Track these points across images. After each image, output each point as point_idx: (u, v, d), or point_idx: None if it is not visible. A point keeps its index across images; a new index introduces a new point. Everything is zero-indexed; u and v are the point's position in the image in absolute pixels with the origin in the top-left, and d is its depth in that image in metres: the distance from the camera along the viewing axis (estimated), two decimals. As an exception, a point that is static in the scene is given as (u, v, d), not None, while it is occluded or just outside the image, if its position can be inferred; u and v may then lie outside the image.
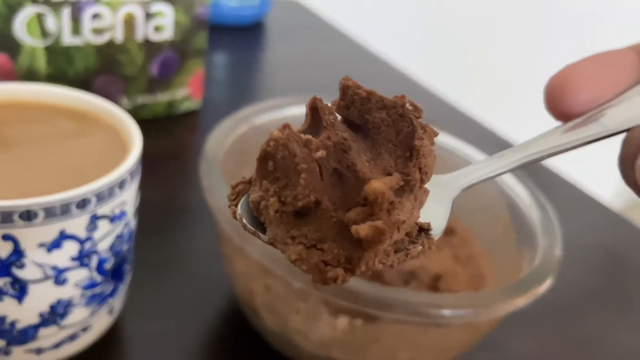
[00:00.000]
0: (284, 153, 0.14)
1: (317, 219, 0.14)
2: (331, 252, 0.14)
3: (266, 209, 0.15)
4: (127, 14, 0.38)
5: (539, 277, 0.24)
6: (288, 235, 0.15)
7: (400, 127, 0.15)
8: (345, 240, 0.14)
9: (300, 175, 0.14)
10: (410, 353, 0.24)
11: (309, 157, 0.14)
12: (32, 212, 0.20)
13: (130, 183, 0.23)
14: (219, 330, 0.29)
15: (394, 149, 0.15)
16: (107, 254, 0.23)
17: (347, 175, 0.15)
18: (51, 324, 0.23)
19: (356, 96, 0.15)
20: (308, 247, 0.14)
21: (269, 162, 0.15)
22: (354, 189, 0.14)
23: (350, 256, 0.14)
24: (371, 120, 0.15)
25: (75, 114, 0.26)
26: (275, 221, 0.15)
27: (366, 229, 0.13)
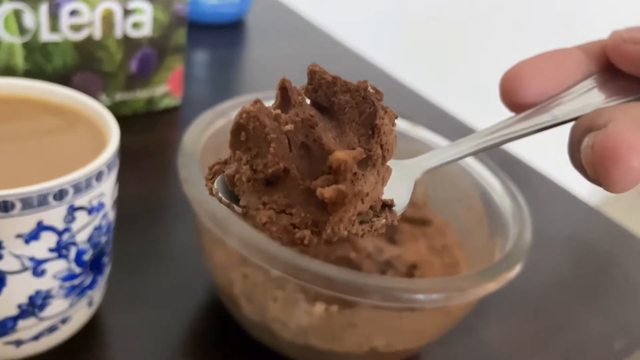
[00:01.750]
0: (255, 124, 0.15)
1: (286, 186, 0.16)
2: (299, 215, 0.15)
3: (240, 180, 0.16)
4: (106, 10, 0.38)
5: (509, 262, 0.24)
6: (259, 201, 0.16)
7: (363, 109, 0.16)
8: (312, 205, 0.15)
9: (270, 144, 0.15)
10: (386, 338, 0.24)
11: (278, 130, 0.15)
12: (9, 202, 0.20)
13: (107, 175, 0.23)
14: (199, 321, 0.29)
15: (357, 128, 0.16)
16: (85, 245, 0.23)
17: (313, 148, 0.16)
18: (30, 315, 0.23)
19: (322, 80, 0.17)
20: (278, 212, 0.16)
21: (242, 133, 0.16)
22: (320, 160, 0.16)
23: (317, 220, 0.15)
24: (336, 102, 0.16)
25: (54, 108, 0.27)
26: (248, 190, 0.16)
27: (330, 191, 0.15)
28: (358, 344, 0.25)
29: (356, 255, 0.31)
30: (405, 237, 0.32)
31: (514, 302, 0.34)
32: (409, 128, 0.35)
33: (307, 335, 0.25)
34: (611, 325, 0.34)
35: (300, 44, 0.69)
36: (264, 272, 0.24)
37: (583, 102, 0.18)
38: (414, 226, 0.33)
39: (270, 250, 0.22)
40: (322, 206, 0.15)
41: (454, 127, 0.53)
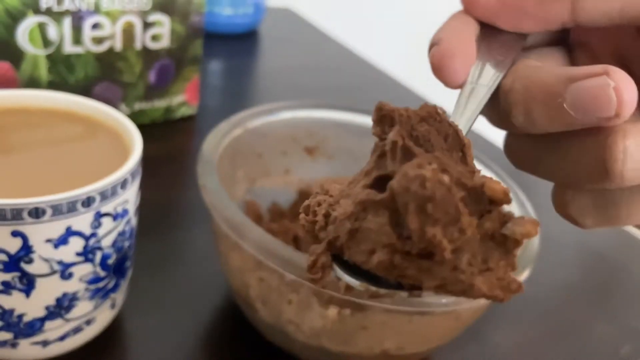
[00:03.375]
0: (441, 190, 0.14)
1: (467, 244, 0.14)
2: (497, 266, 0.15)
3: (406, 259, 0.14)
4: (126, 23, 0.39)
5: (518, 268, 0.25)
6: (458, 272, 0.14)
7: (445, 132, 0.16)
8: (493, 250, 0.14)
9: (459, 207, 0.14)
10: (396, 341, 0.25)
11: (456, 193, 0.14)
12: (40, 209, 0.21)
13: (131, 183, 0.24)
14: (215, 323, 0.30)
15: (450, 155, 0.16)
16: (110, 250, 0.24)
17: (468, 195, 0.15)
18: (57, 317, 0.24)
19: (401, 117, 0.16)
20: (480, 272, 0.15)
21: (428, 206, 0.14)
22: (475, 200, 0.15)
23: (508, 261, 0.15)
24: (419, 135, 0.16)
25: (78, 118, 0.28)
26: (430, 264, 0.14)
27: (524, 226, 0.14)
28: (369, 346, 0.25)
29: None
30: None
31: (523, 307, 0.35)
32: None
33: (320, 337, 0.26)
34: (617, 331, 0.35)
35: (312, 53, 0.70)
36: (279, 276, 0.25)
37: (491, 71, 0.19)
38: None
39: (285, 254, 0.23)
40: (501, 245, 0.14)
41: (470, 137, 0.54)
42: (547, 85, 0.17)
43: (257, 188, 0.35)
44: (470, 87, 0.19)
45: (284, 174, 0.37)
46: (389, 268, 0.15)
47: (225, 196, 0.26)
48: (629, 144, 0.17)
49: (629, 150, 0.17)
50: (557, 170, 0.19)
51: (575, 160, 0.18)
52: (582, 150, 0.17)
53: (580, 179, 0.18)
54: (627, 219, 0.19)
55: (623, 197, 0.18)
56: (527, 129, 0.18)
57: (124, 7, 0.39)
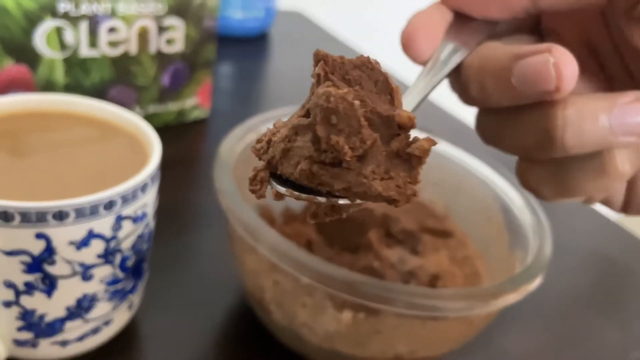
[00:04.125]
0: (344, 105, 0.17)
1: (373, 156, 0.17)
2: (398, 176, 0.17)
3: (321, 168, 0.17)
4: (141, 28, 0.40)
5: (530, 275, 0.25)
6: (361, 177, 0.17)
7: (375, 78, 0.18)
8: (399, 165, 0.17)
9: (360, 120, 0.17)
10: (409, 345, 0.26)
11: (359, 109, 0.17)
12: (64, 212, 0.22)
13: (151, 186, 0.25)
14: (228, 325, 0.31)
15: (379, 97, 0.18)
16: (129, 252, 0.25)
17: (373, 118, 0.17)
18: (77, 317, 0.25)
19: (334, 62, 0.18)
20: (381, 179, 0.17)
21: (332, 117, 0.17)
22: (385, 126, 0.17)
23: (410, 174, 0.17)
24: (352, 78, 0.18)
25: (97, 122, 0.28)
26: (340, 172, 0.17)
27: (425, 144, 0.16)
28: (382, 350, 0.26)
29: (380, 265, 0.32)
30: (427, 248, 0.34)
31: (533, 312, 0.35)
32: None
33: (333, 340, 0.26)
34: (627, 337, 0.35)
35: (322, 56, 0.70)
36: (294, 279, 0.25)
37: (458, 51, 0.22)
38: (436, 238, 0.34)
39: (300, 258, 0.24)
40: (407, 163, 0.17)
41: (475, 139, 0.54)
42: (498, 61, 0.19)
43: (269, 191, 0.36)
44: (431, 63, 0.22)
45: (296, 177, 0.37)
46: (310, 176, 0.17)
47: (241, 200, 0.26)
48: (568, 113, 0.18)
49: (569, 119, 0.18)
50: (514, 143, 0.20)
51: (526, 132, 0.20)
52: (531, 122, 0.19)
53: (531, 150, 0.20)
54: (580, 190, 0.20)
55: (574, 167, 0.20)
56: (483, 102, 0.20)
57: (140, 11, 0.39)
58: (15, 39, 0.36)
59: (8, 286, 0.23)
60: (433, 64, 0.22)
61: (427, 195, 0.36)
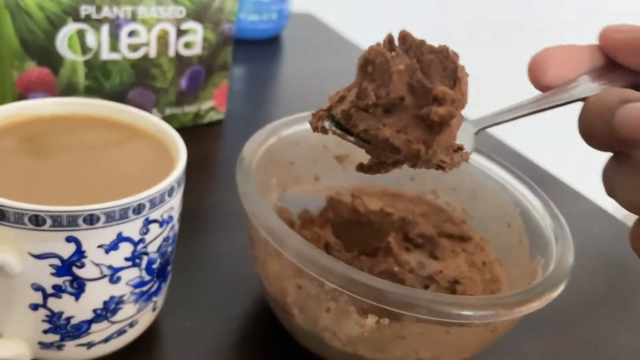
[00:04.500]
0: (381, 59, 0.20)
1: (400, 113, 0.20)
2: (413, 134, 0.20)
3: (357, 111, 0.21)
4: (161, 31, 0.40)
5: (553, 282, 0.25)
6: (380, 123, 0.20)
7: (446, 65, 0.20)
8: (421, 129, 0.20)
9: (392, 76, 0.20)
10: (432, 351, 0.26)
11: (396, 67, 0.20)
12: (94, 216, 0.22)
13: (177, 190, 0.25)
14: (248, 326, 0.31)
15: (442, 80, 0.20)
16: (155, 255, 0.25)
17: (416, 87, 0.20)
18: (103, 319, 0.25)
19: (413, 42, 0.21)
20: (397, 131, 0.20)
21: (369, 67, 0.20)
22: (423, 96, 0.20)
23: (426, 139, 0.20)
24: (425, 60, 0.20)
25: (122, 126, 0.29)
26: (367, 116, 0.21)
27: (442, 109, 0.19)
28: (405, 355, 0.26)
29: (399, 270, 0.32)
30: (445, 253, 0.34)
31: (549, 316, 0.35)
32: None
33: (356, 345, 0.26)
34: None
35: (334, 58, 0.71)
36: (319, 284, 0.25)
37: (589, 87, 0.23)
38: (454, 242, 0.34)
39: (325, 263, 0.24)
40: (430, 129, 0.19)
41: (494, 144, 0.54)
42: (606, 100, 0.19)
43: (288, 195, 0.36)
44: (552, 91, 0.23)
45: (314, 181, 0.37)
46: (347, 116, 0.21)
47: (264, 204, 0.27)
48: None
49: None
50: (628, 198, 0.20)
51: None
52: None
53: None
54: None
55: None
56: (590, 142, 0.20)
57: (160, 15, 0.40)
58: (38, 42, 0.36)
59: (36, 289, 0.23)
60: (554, 92, 0.23)
61: (445, 199, 0.36)
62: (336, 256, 0.34)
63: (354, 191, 0.37)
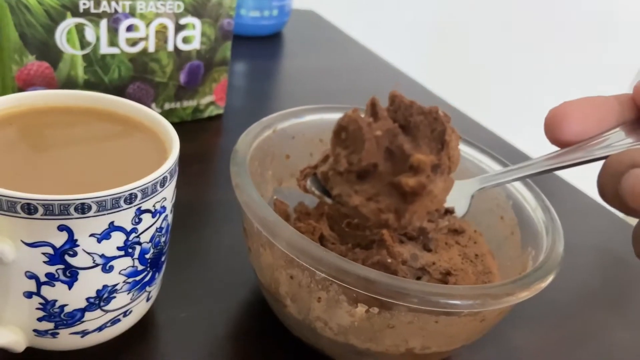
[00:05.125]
0: (354, 126, 0.20)
1: (373, 180, 0.20)
2: (384, 202, 0.20)
3: (334, 174, 0.21)
4: (160, 25, 0.40)
5: (542, 273, 0.26)
6: (352, 190, 0.20)
7: (434, 127, 0.20)
8: (395, 197, 0.20)
9: (365, 142, 0.20)
10: (422, 340, 0.26)
11: (370, 134, 0.20)
12: (86, 205, 0.22)
13: (169, 181, 0.25)
14: (242, 317, 0.31)
15: (429, 143, 0.20)
16: (148, 245, 0.25)
17: (396, 153, 0.20)
18: (96, 308, 0.25)
19: (402, 103, 0.20)
20: (367, 199, 0.20)
21: (342, 133, 0.21)
22: (401, 163, 0.20)
23: (399, 208, 0.19)
24: (412, 121, 0.20)
25: (117, 118, 0.29)
26: (341, 182, 0.21)
27: (413, 181, 0.19)
28: (395, 344, 0.26)
29: (392, 261, 0.32)
30: (439, 246, 0.34)
31: (544, 310, 0.35)
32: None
33: (347, 334, 0.26)
34: (637, 336, 0.35)
35: (335, 55, 0.71)
36: (310, 274, 0.25)
37: (611, 145, 0.21)
38: (448, 235, 0.34)
39: (316, 253, 0.24)
40: (403, 198, 0.19)
41: (487, 137, 0.54)
42: (618, 162, 0.18)
43: (284, 188, 0.36)
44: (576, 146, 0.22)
45: (311, 174, 0.37)
46: (325, 178, 0.22)
47: (258, 196, 0.27)
48: None
49: None
50: None
51: None
52: None
53: None
54: None
55: None
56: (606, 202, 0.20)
57: (158, 10, 0.40)
58: (37, 36, 0.37)
59: (30, 277, 0.24)
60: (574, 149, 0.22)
61: (440, 193, 0.37)
62: (331, 248, 0.34)
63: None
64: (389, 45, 0.82)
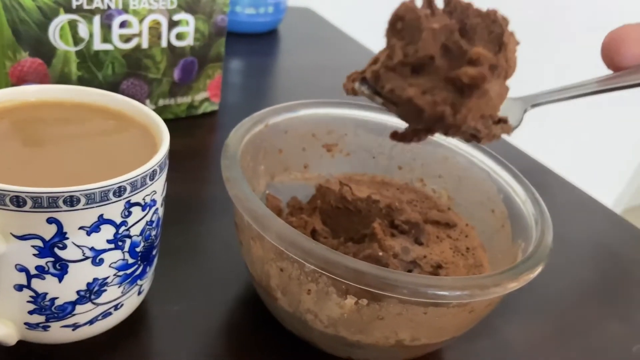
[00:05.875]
0: (411, 15, 0.19)
1: (429, 74, 0.19)
2: (440, 95, 0.19)
3: (385, 71, 0.20)
4: (153, 21, 0.41)
5: (531, 264, 0.26)
6: (406, 83, 0.19)
7: (492, 29, 0.19)
8: (451, 92, 0.19)
9: (422, 32, 0.19)
10: (411, 332, 0.26)
11: (428, 24, 0.19)
12: (74, 197, 0.22)
13: (159, 174, 0.25)
14: (235, 311, 0.31)
15: (485, 45, 0.19)
16: (138, 238, 0.26)
17: (452, 49, 0.19)
18: (87, 301, 0.25)
19: (458, 4, 0.20)
20: (422, 92, 0.19)
21: (398, 23, 0.19)
22: (458, 59, 0.19)
23: (455, 102, 0.18)
24: (469, 23, 0.19)
25: (109, 113, 0.29)
26: (394, 77, 0.20)
27: (473, 70, 0.18)
28: (385, 336, 0.26)
29: (383, 255, 0.32)
30: (430, 239, 0.34)
31: (537, 303, 0.36)
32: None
33: (337, 326, 0.27)
34: (630, 329, 0.35)
35: (331, 51, 0.71)
36: (299, 266, 0.26)
37: None
38: (439, 228, 0.35)
39: (305, 245, 0.24)
40: (460, 93, 0.18)
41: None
42: None
43: (276, 183, 0.36)
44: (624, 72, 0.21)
45: (303, 169, 0.38)
46: (376, 77, 0.21)
47: (248, 189, 0.27)
48: None
49: None
50: None
51: None
52: None
53: None
54: None
55: None
56: None
57: (151, 6, 0.40)
58: (31, 33, 0.37)
59: (20, 270, 0.24)
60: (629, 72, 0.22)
61: (431, 186, 0.37)
62: (323, 242, 0.34)
63: (343, 179, 0.38)
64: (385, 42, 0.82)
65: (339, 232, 0.35)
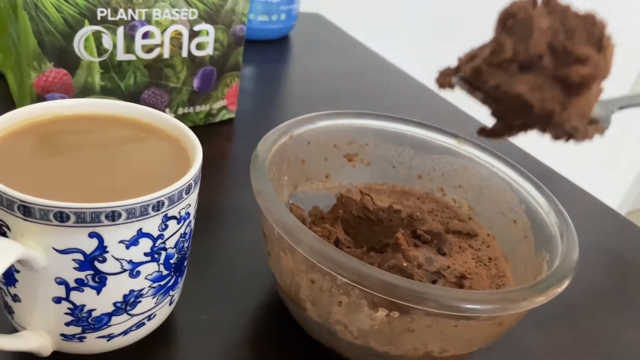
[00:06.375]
0: (524, 14, 0.19)
1: (536, 72, 0.19)
2: (549, 93, 0.19)
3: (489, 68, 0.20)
4: (175, 32, 0.41)
5: (558, 277, 0.26)
6: (514, 79, 0.20)
7: (591, 31, 0.20)
8: (558, 91, 0.19)
9: (534, 32, 0.19)
10: (440, 343, 0.26)
11: (539, 24, 0.19)
12: (116, 212, 0.23)
13: (194, 188, 0.26)
14: (261, 320, 0.32)
15: (585, 46, 0.20)
16: (172, 250, 0.26)
17: (558, 49, 0.19)
18: (122, 312, 0.26)
19: (557, 6, 0.20)
20: (530, 89, 0.19)
21: (509, 20, 0.20)
22: (564, 59, 0.19)
23: (562, 101, 0.19)
24: (568, 24, 0.20)
25: (139, 125, 0.29)
26: (500, 73, 0.20)
27: (585, 69, 0.18)
28: (414, 348, 0.27)
29: (408, 265, 0.33)
30: (453, 249, 0.34)
31: (554, 312, 0.36)
32: (456, 144, 0.37)
33: (367, 338, 0.27)
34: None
35: (342, 58, 0.71)
36: (331, 278, 0.26)
37: None
38: (461, 238, 0.35)
39: (338, 258, 0.25)
40: (567, 92, 0.19)
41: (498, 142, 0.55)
42: None
43: (299, 192, 0.37)
44: None
45: (325, 179, 0.38)
46: (476, 72, 0.21)
47: (278, 201, 0.27)
48: None
49: None
50: None
51: None
52: None
53: None
54: None
55: None
56: None
57: (173, 17, 0.40)
58: (56, 44, 0.37)
59: (59, 283, 0.24)
60: None
61: (451, 196, 0.37)
62: (346, 252, 0.35)
63: (364, 189, 0.38)
64: (395, 47, 0.82)
65: (360, 242, 0.36)
